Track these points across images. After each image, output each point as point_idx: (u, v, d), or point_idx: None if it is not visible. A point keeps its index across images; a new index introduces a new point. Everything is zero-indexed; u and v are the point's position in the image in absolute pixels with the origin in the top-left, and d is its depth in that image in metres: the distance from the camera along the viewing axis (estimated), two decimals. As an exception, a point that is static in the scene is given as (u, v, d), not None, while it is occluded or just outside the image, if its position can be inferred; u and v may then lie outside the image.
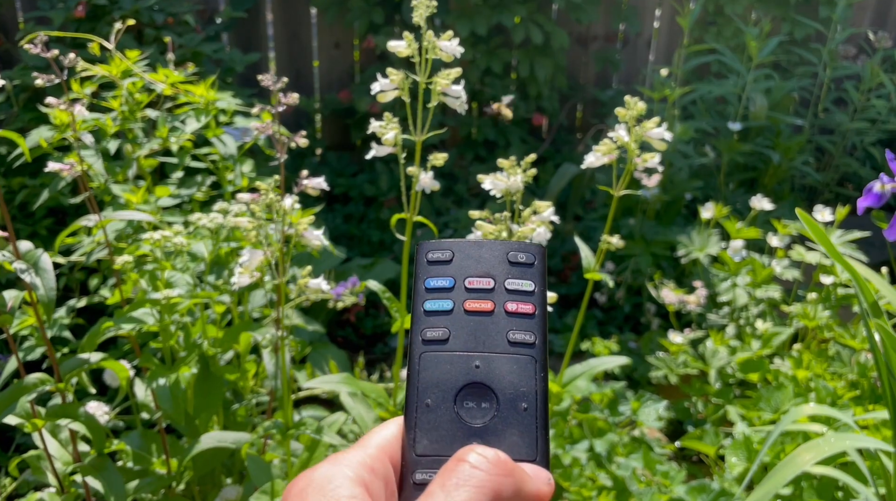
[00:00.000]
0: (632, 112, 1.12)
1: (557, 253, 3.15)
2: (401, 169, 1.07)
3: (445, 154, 1.06)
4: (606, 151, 1.15)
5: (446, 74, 1.02)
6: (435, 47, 1.01)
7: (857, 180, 3.74)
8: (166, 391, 1.16)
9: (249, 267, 1.01)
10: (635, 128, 1.13)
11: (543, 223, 1.08)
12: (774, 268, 2.19)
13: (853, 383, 1.94)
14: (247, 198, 1.02)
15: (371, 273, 2.54)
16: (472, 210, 3.27)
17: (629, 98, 1.13)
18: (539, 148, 3.64)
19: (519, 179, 1.04)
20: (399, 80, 1.03)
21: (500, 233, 1.02)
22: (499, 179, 1.07)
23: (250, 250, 1.01)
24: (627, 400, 1.98)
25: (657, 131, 1.11)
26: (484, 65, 3.39)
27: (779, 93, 3.10)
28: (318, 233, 1.04)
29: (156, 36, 2.35)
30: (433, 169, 1.07)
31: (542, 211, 1.07)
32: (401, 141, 1.04)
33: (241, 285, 1.03)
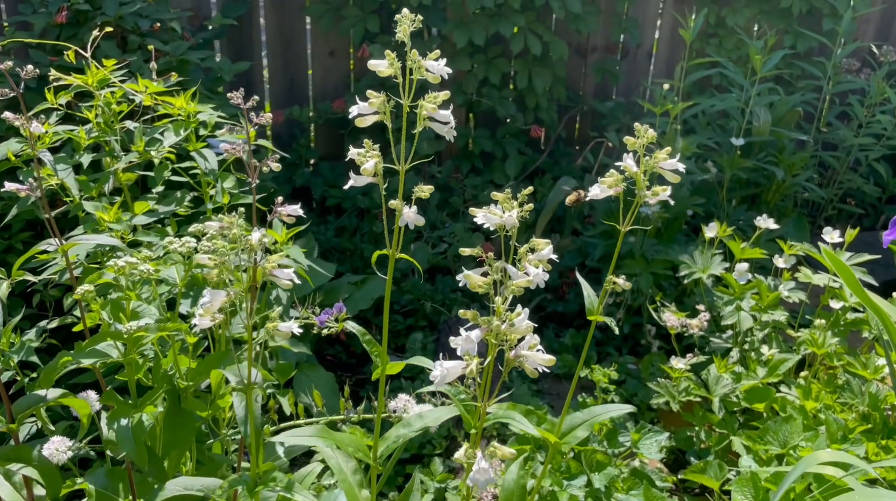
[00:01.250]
0: (642, 140, 1.03)
1: (555, 269, 3.06)
2: (382, 202, 0.98)
3: (431, 187, 0.97)
4: (613, 183, 1.06)
5: (433, 97, 0.94)
6: (420, 67, 0.93)
7: (861, 196, 3.66)
8: (128, 432, 1.07)
9: (210, 309, 0.92)
10: (645, 159, 1.05)
11: (542, 263, 0.99)
12: (782, 292, 2.10)
13: (864, 415, 1.85)
14: (214, 226, 0.93)
15: (362, 291, 2.45)
16: (468, 223, 3.16)
17: (638, 125, 1.04)
18: (537, 160, 3.55)
19: (514, 215, 0.95)
20: (379, 103, 0.95)
21: (488, 287, 0.96)
22: (493, 213, 0.98)
23: (211, 291, 0.92)
24: (627, 430, 1.89)
25: (670, 162, 1.03)
26: (481, 75, 3.31)
27: (783, 107, 3.03)
28: (289, 271, 0.95)
29: (140, 43, 2.27)
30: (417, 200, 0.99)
31: (541, 249, 0.99)
32: (381, 170, 0.95)
33: (203, 328, 0.94)
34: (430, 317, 2.72)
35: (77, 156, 1.59)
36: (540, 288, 2.62)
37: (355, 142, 3.48)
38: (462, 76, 3.33)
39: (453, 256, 3.07)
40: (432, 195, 3.37)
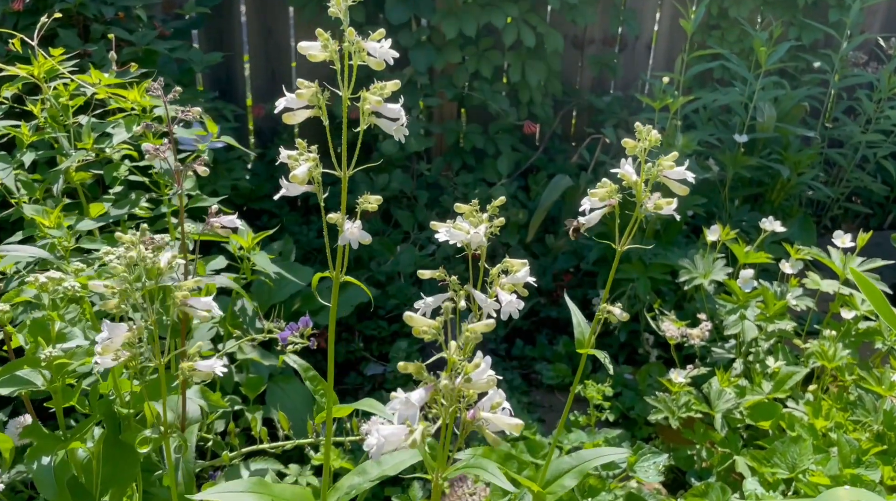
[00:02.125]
0: (643, 143, 0.89)
1: (549, 271, 2.92)
2: (323, 218, 0.85)
3: (378, 198, 0.83)
4: (606, 195, 0.92)
5: (378, 88, 0.80)
6: (361, 50, 0.78)
7: (867, 195, 3.52)
8: (49, 472, 0.93)
9: (111, 345, 0.78)
10: (647, 165, 0.91)
11: (517, 287, 0.86)
12: (789, 301, 1.96)
13: (879, 435, 1.71)
14: (128, 238, 0.79)
15: (342, 296, 2.31)
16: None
17: (640, 125, 0.90)
18: (531, 157, 3.41)
19: (482, 231, 0.82)
20: (310, 95, 0.80)
21: (437, 333, 0.80)
22: (457, 228, 0.84)
23: (109, 324, 0.77)
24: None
25: (677, 171, 0.89)
26: (472, 68, 3.16)
27: (788, 102, 2.88)
28: (207, 300, 0.81)
29: (104, 32, 2.12)
30: (362, 218, 0.84)
31: (516, 270, 0.85)
32: (320, 177, 0.81)
33: (106, 367, 0.80)
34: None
35: (18, 154, 1.45)
36: (533, 294, 2.43)
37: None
38: (452, 69, 3.18)
39: (443, 258, 2.93)
40: (421, 194, 3.21)
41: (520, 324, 2.76)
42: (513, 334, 2.74)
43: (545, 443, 1.68)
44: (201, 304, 0.80)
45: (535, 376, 2.46)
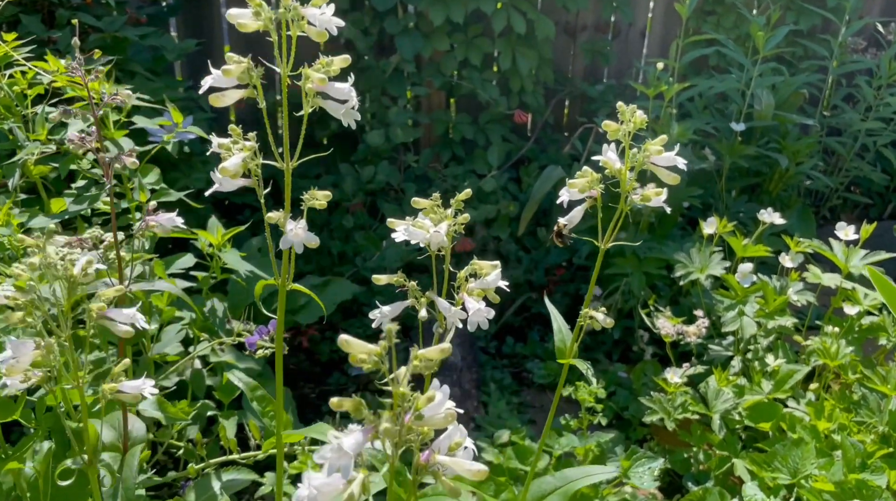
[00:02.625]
0: (627, 126, 0.80)
1: (541, 265, 2.83)
2: (264, 215, 0.75)
3: (327, 192, 0.74)
4: (586, 186, 0.83)
5: (324, 65, 0.70)
6: (299, 18, 0.69)
7: (867, 184, 3.44)
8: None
9: (18, 366, 0.68)
10: (633, 152, 0.82)
11: (488, 292, 0.77)
12: (790, 296, 1.88)
13: (884, 436, 1.63)
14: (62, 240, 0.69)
15: (323, 295, 2.22)
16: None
17: (623, 105, 0.81)
18: (522, 147, 3.31)
19: (444, 230, 0.72)
20: (241, 72, 0.71)
21: (379, 362, 0.67)
22: (418, 226, 0.75)
23: (13, 342, 0.68)
24: (616, 455, 1.67)
25: (666, 156, 0.80)
26: (461, 56, 3.06)
27: (786, 89, 2.79)
28: (130, 312, 0.71)
29: (70, 18, 2.01)
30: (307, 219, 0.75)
31: (486, 274, 0.76)
32: (259, 170, 0.72)
33: (17, 389, 0.71)
34: (404, 321, 2.49)
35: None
36: (524, 289, 2.28)
37: (323, 129, 3.19)
38: (440, 56, 3.08)
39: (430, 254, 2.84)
40: (409, 186, 3.11)
41: (511, 321, 2.67)
42: (503, 331, 2.65)
43: (534, 449, 1.60)
44: (123, 316, 0.70)
45: (527, 375, 2.38)
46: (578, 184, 0.84)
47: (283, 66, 0.72)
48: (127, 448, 0.84)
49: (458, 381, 2.07)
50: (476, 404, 2.04)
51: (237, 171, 0.71)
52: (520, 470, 1.54)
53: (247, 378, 0.88)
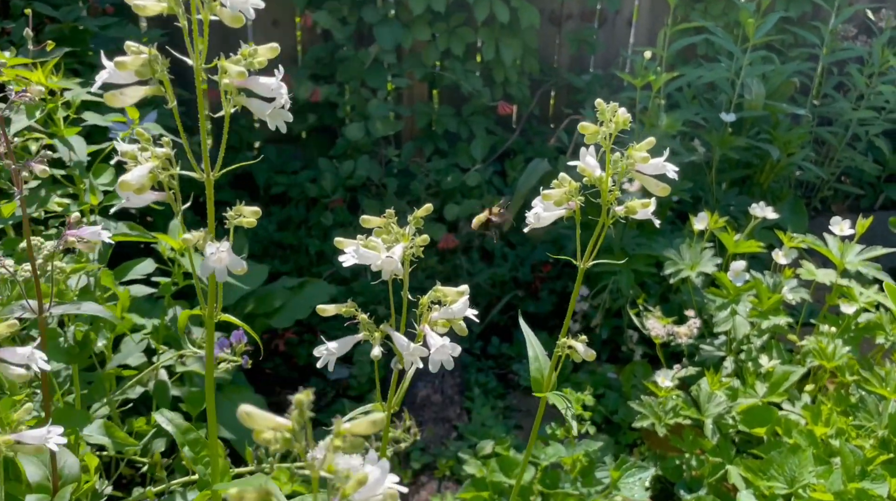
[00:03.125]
0: (608, 127, 0.71)
1: (527, 262, 2.75)
2: (181, 229, 0.66)
3: (256, 209, 0.65)
4: (563, 198, 0.75)
5: (246, 55, 0.61)
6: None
7: (858, 175, 3.38)
8: None
9: None
10: (615, 157, 0.73)
11: (453, 323, 0.68)
12: (784, 295, 1.81)
13: (884, 441, 1.56)
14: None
15: (299, 297, 2.12)
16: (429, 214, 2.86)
17: (602, 103, 0.72)
18: (507, 140, 3.22)
19: (398, 254, 0.63)
20: (141, 65, 0.61)
21: (287, 443, 0.54)
22: (369, 247, 0.66)
23: None
24: (606, 465, 1.59)
25: (655, 163, 0.71)
26: (443, 45, 2.95)
27: (777, 78, 2.72)
28: (26, 351, 0.62)
29: (25, 6, 1.89)
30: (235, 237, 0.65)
31: (451, 301, 0.67)
32: (176, 183, 0.62)
33: None
34: (385, 321, 2.40)
35: None
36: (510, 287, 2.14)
37: (301, 122, 3.07)
38: (421, 47, 2.97)
39: (413, 250, 2.75)
40: (390, 181, 3.00)
41: (496, 319, 2.59)
42: (489, 330, 2.57)
43: (519, 460, 1.52)
44: (17, 357, 0.61)
45: (513, 376, 2.30)
46: (554, 196, 0.75)
47: (195, 56, 0.62)
48: (57, 488, 0.75)
49: (440, 387, 1.98)
50: (459, 411, 1.96)
51: (142, 185, 0.61)
52: (504, 484, 1.46)
53: (178, 419, 0.79)
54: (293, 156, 3.08)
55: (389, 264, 0.67)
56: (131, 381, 1.45)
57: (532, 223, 0.81)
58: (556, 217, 0.79)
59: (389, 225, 0.71)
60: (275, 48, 0.67)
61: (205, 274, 0.64)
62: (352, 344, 0.85)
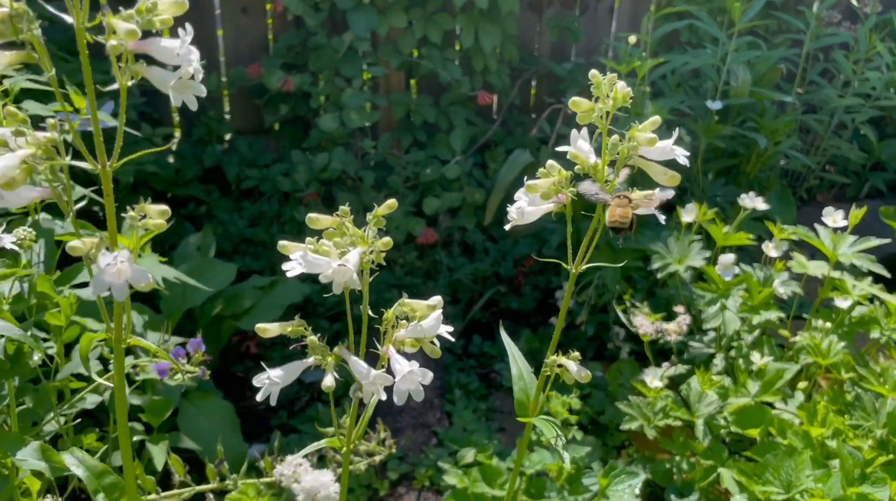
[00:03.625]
0: (605, 104, 0.62)
1: (509, 257, 2.66)
2: (76, 230, 0.56)
3: (164, 208, 0.55)
4: (551, 189, 0.66)
5: (142, 10, 0.50)
6: None
7: (843, 163, 3.33)
8: None
9: None
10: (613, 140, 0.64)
11: (423, 342, 0.59)
12: (776, 289, 1.73)
13: (882, 442, 1.50)
14: None
15: (270, 297, 2.02)
16: (409, 206, 2.75)
17: (598, 75, 0.64)
18: (488, 130, 3.13)
19: (354, 260, 0.54)
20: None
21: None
22: (319, 252, 0.57)
23: None
24: (593, 471, 1.51)
25: (662, 146, 0.62)
26: (420, 33, 2.85)
27: (763, 64, 2.65)
28: None
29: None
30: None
31: (421, 316, 0.59)
32: (66, 175, 0.52)
33: None
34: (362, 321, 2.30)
35: None
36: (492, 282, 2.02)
37: (273, 114, 2.94)
38: (397, 34, 2.87)
39: (392, 248, 2.65)
40: (366, 174, 2.89)
41: (478, 316, 2.50)
42: (470, 328, 2.48)
43: (503, 469, 1.43)
44: None
45: (495, 376, 2.21)
46: (541, 187, 0.66)
47: (76, 12, 0.51)
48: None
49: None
50: (439, 415, 1.87)
51: (11, 178, 0.50)
52: (487, 496, 1.38)
53: (90, 460, 0.69)
54: (265, 149, 2.96)
55: (342, 274, 0.57)
56: (82, 392, 1.34)
57: (515, 219, 0.72)
58: (542, 212, 0.70)
59: (344, 225, 0.61)
60: (181, 3, 0.55)
61: (99, 292, 0.52)
62: (300, 370, 0.75)
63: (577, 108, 0.67)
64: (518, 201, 0.71)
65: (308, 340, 0.74)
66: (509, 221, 0.74)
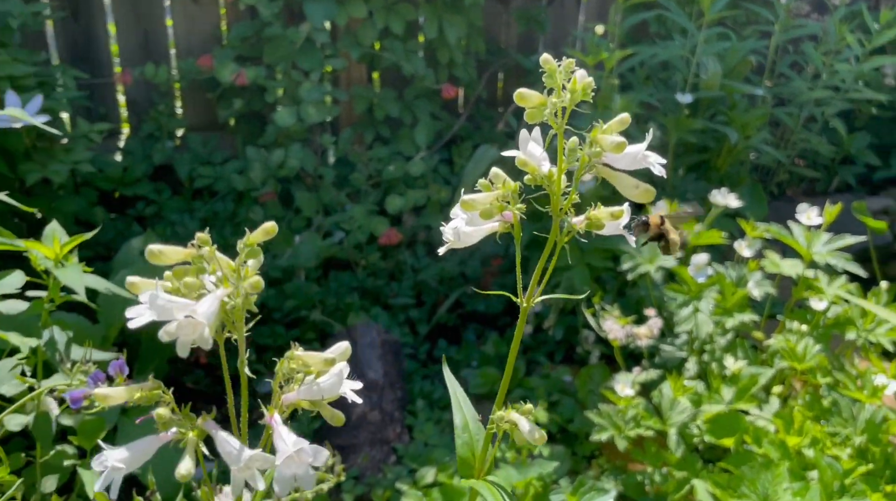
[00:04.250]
0: (561, 98, 0.53)
1: (475, 256, 2.57)
2: None
3: None
4: (494, 206, 0.55)
5: None
6: None
7: (812, 157, 3.29)
8: None
9: None
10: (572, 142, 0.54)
11: (319, 406, 0.50)
12: (750, 290, 1.66)
13: (861, 450, 1.43)
14: None
15: (219, 304, 1.89)
16: (371, 204, 2.63)
17: (550, 60, 0.54)
18: (454, 125, 3.02)
19: (206, 309, 0.45)
20: None
21: None
22: (172, 289, 0.46)
23: None
24: (561, 487, 1.42)
25: (633, 151, 0.52)
26: (381, 23, 2.73)
27: (733, 56, 2.58)
28: None
29: None
30: None
31: (318, 371, 0.50)
32: None
33: None
34: (321, 327, 2.19)
35: None
36: (459, 282, 1.94)
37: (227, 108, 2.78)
38: (357, 25, 2.75)
39: (353, 247, 2.54)
40: (326, 172, 2.76)
41: (444, 319, 2.41)
42: (436, 331, 2.38)
43: (464, 490, 1.34)
44: None
45: (461, 383, 2.12)
46: (480, 204, 0.55)
47: None
48: None
49: (378, 403, 1.79)
50: (399, 430, 1.76)
51: None
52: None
53: None
54: (220, 146, 2.82)
55: (190, 332, 0.44)
56: (4, 413, 1.21)
57: (450, 242, 0.61)
58: (484, 234, 0.60)
59: (201, 260, 0.50)
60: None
61: None
62: (154, 448, 0.62)
63: (525, 103, 0.57)
64: (454, 219, 0.60)
65: (156, 414, 0.60)
66: (445, 242, 0.63)
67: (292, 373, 0.61)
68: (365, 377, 1.84)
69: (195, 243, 0.58)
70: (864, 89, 2.83)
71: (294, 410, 0.64)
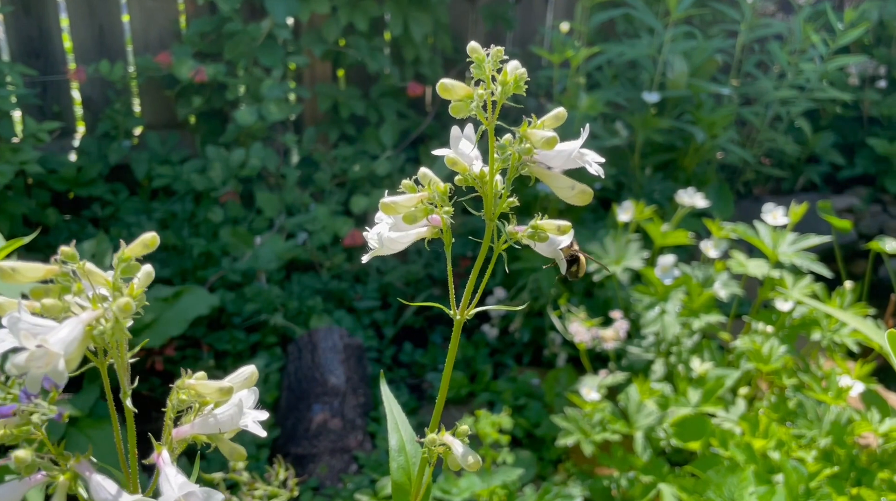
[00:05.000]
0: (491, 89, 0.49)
1: (442, 258, 2.52)
2: None
3: None
4: (419, 209, 0.51)
5: None
6: None
7: (778, 156, 3.31)
8: None
9: None
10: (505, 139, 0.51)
11: (216, 440, 0.45)
12: (717, 292, 1.65)
13: (826, 453, 1.42)
14: None
15: (174, 309, 1.82)
16: (336, 205, 2.57)
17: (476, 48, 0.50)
18: (421, 124, 2.98)
19: (66, 335, 0.39)
20: None
21: None
22: (50, 311, 0.40)
23: None
24: (525, 495, 1.39)
25: (566, 148, 0.48)
26: (345, 20, 2.67)
27: (700, 55, 2.58)
28: None
29: None
30: None
31: (214, 401, 0.46)
32: None
33: None
34: (282, 331, 2.13)
35: None
36: (425, 284, 1.90)
37: (186, 106, 2.69)
38: (321, 21, 2.69)
39: (317, 248, 2.48)
40: (289, 171, 2.69)
41: (410, 322, 2.36)
42: (402, 334, 2.34)
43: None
44: None
45: (427, 387, 2.08)
46: (403, 207, 0.51)
47: None
48: None
49: (339, 409, 1.73)
50: (362, 437, 1.71)
51: None
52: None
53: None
54: (179, 145, 2.74)
55: (42, 362, 0.38)
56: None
57: (374, 249, 0.56)
58: (412, 239, 0.56)
59: (67, 278, 0.45)
60: None
61: None
62: (23, 492, 0.54)
63: (449, 95, 0.53)
64: (377, 223, 0.56)
65: (15, 457, 0.52)
66: (368, 250, 0.59)
67: (184, 405, 0.56)
68: (327, 383, 1.78)
69: (58, 258, 0.51)
70: (829, 89, 2.85)
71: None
